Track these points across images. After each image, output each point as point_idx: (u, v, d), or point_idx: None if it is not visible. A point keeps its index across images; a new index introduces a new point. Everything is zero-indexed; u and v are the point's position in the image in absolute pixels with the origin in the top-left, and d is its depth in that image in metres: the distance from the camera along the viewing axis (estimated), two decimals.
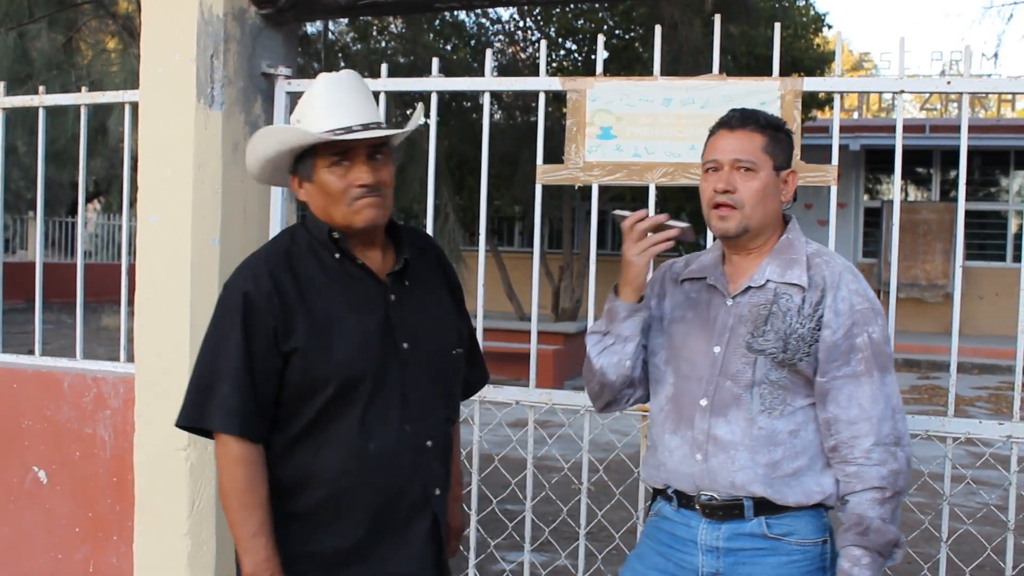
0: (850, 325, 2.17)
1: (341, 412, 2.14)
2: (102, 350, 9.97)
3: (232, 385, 2.11)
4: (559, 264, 15.26)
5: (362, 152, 2.13)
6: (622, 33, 13.34)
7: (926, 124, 17.31)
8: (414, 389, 2.21)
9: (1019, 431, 2.90)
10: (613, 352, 2.31)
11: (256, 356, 2.12)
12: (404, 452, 2.19)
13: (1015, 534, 2.97)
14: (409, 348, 2.21)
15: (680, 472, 2.25)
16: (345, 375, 2.13)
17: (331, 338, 2.14)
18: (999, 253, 17.31)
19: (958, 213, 3.04)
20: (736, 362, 2.20)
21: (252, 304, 2.13)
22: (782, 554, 2.18)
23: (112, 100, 3.76)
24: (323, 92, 2.16)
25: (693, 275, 2.37)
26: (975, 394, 11.51)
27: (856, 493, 2.14)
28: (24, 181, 15.44)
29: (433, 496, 2.24)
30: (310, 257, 2.21)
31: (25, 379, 3.69)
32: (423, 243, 2.40)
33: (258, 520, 2.12)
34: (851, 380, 2.16)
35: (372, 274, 2.22)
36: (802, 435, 2.20)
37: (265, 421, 2.15)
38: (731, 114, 2.28)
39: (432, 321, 2.29)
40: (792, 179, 2.29)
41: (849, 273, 2.22)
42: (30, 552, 3.66)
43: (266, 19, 3.37)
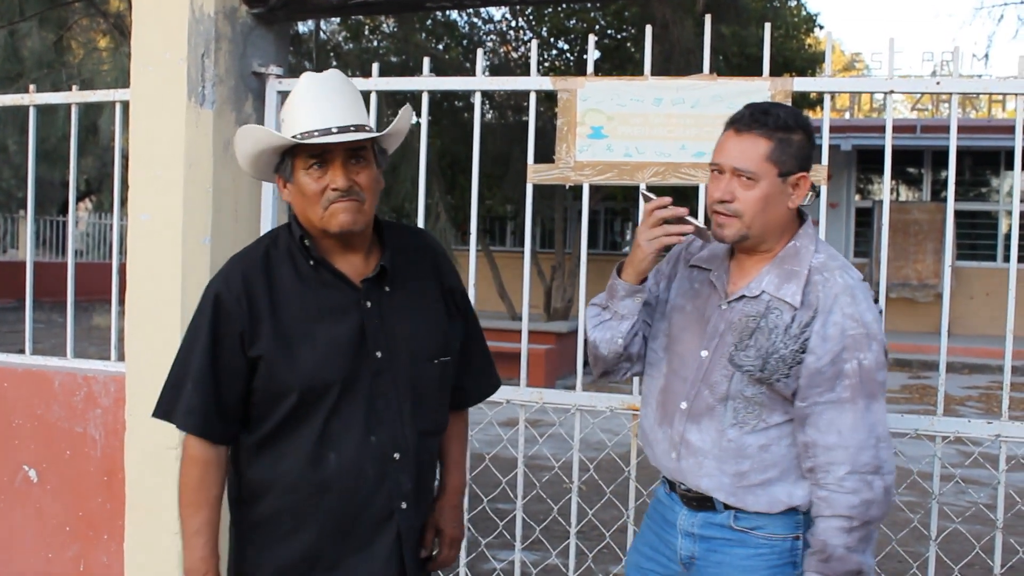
0: (839, 351, 2.10)
1: (303, 421, 2.12)
2: (93, 349, 9.96)
3: (195, 385, 2.12)
4: (551, 264, 15.28)
5: (339, 155, 2.08)
6: (614, 33, 13.36)
7: (917, 124, 17.35)
8: (384, 399, 2.16)
9: (1008, 430, 2.92)
10: (608, 327, 2.31)
11: (221, 359, 2.12)
12: (367, 463, 2.13)
13: (1004, 532, 2.98)
14: (383, 357, 2.15)
15: (661, 463, 2.33)
16: (307, 384, 2.10)
17: (296, 347, 2.11)
18: (990, 253, 17.36)
19: (947, 213, 3.05)
20: (716, 372, 2.20)
21: (222, 307, 2.12)
22: (750, 546, 2.21)
23: (103, 99, 3.75)
24: (305, 92, 2.11)
25: (702, 263, 2.33)
26: (965, 394, 11.54)
27: (824, 518, 2.11)
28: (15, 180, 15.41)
29: (398, 509, 2.17)
30: (287, 262, 2.17)
31: (16, 378, 3.68)
32: (417, 242, 2.33)
33: (202, 519, 2.14)
34: (834, 406, 2.10)
35: (347, 281, 2.17)
36: (773, 449, 2.18)
37: (227, 424, 2.15)
38: (742, 112, 2.19)
39: (413, 328, 2.21)
40: (803, 183, 2.18)
41: (847, 295, 2.12)
42: (21, 551, 3.65)
43: (257, 18, 3.37)
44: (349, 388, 2.12)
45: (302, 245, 2.16)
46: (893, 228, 16.76)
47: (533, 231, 3.29)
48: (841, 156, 17.01)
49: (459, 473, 2.45)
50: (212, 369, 2.12)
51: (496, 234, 19.99)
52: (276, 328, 2.11)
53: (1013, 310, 2.96)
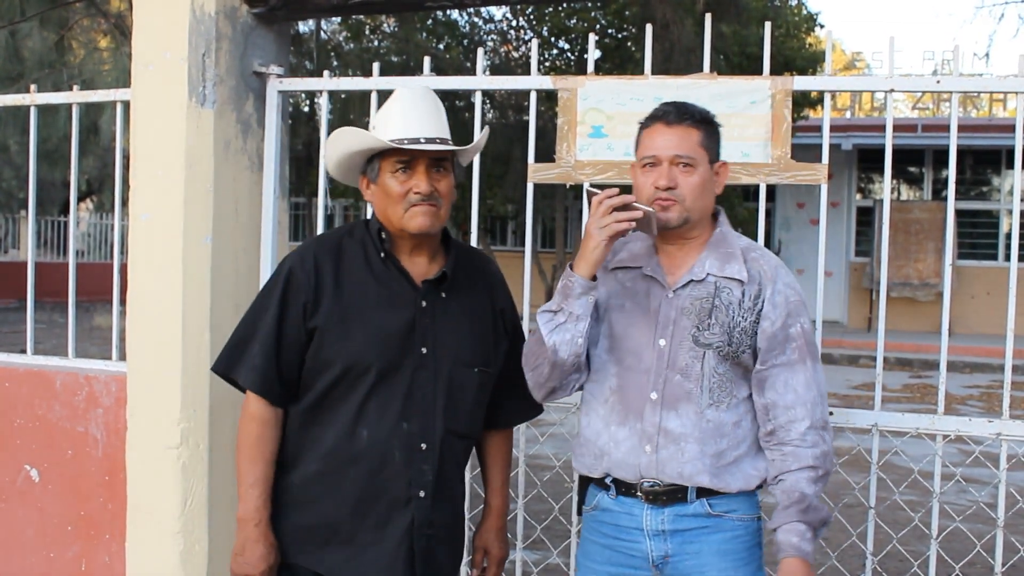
0: (785, 316, 2.27)
1: (344, 396, 2.32)
2: (95, 349, 9.96)
3: (261, 347, 2.34)
4: (552, 263, 15.28)
5: (424, 162, 2.31)
6: (615, 32, 13.37)
7: (918, 123, 17.37)
8: (422, 392, 2.34)
9: (1008, 429, 2.91)
10: (565, 330, 2.28)
11: (286, 327, 2.34)
12: (396, 447, 2.31)
13: (1005, 531, 2.98)
14: (428, 353, 2.35)
15: (625, 463, 2.30)
16: (350, 361, 2.30)
17: (349, 325, 2.32)
18: (991, 252, 17.37)
19: (948, 212, 3.05)
20: (684, 356, 2.26)
21: (293, 279, 2.35)
22: (726, 530, 2.27)
23: (104, 99, 3.76)
24: (399, 103, 2.35)
25: (625, 263, 2.38)
26: (967, 393, 11.55)
27: (792, 472, 2.24)
28: (16, 180, 15.43)
29: (416, 497, 2.33)
30: (359, 251, 2.39)
31: (17, 378, 3.68)
32: (478, 262, 2.55)
33: (257, 473, 2.35)
34: (787, 368, 2.26)
35: (409, 278, 2.37)
36: (743, 424, 2.30)
37: (285, 388, 2.36)
38: (666, 108, 2.31)
39: (460, 334, 2.40)
40: (724, 171, 2.36)
41: (782, 268, 2.33)
42: (22, 551, 3.66)
43: (258, 18, 3.37)
44: (390, 374, 2.31)
45: (379, 237, 2.38)
46: (894, 227, 16.75)
47: (534, 230, 3.30)
48: (842, 155, 17.01)
49: (502, 496, 2.62)
50: (277, 334, 2.33)
51: (497, 234, 19.99)
52: (335, 304, 2.33)
53: (1014, 309, 2.96)
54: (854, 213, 18.11)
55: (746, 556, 2.29)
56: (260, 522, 2.34)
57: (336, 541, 2.34)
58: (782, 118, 3.00)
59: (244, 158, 3.38)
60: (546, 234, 18.05)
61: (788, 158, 3.00)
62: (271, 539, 2.35)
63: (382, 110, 2.40)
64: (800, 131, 12.63)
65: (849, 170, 17.82)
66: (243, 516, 2.35)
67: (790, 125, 3.01)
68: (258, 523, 2.34)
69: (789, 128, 3.01)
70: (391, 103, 2.37)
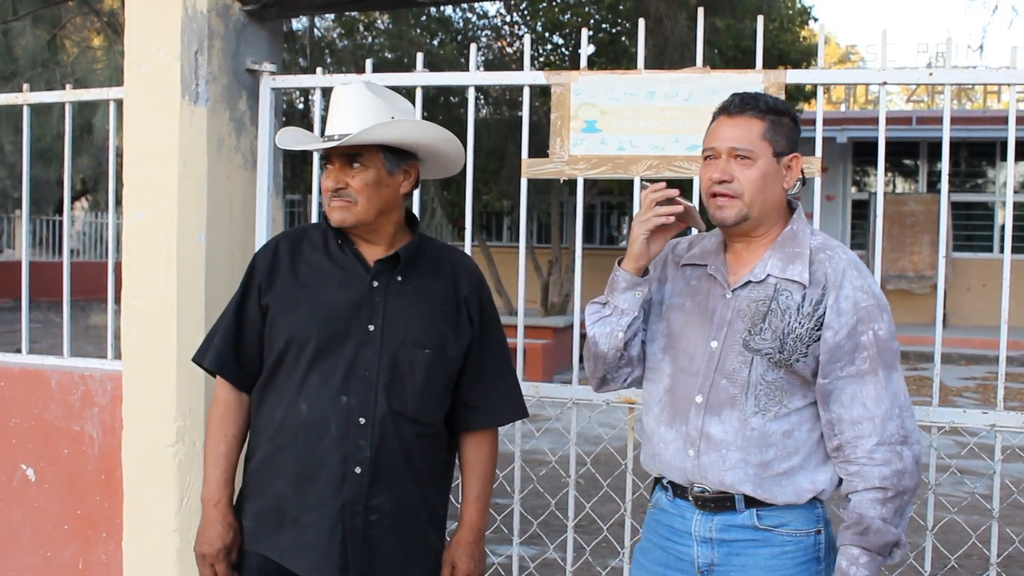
0: (855, 323, 2.12)
1: (289, 372, 2.36)
2: (91, 348, 9.95)
3: (223, 329, 2.45)
4: (548, 259, 15.27)
5: (338, 159, 2.36)
6: (609, 28, 13.34)
7: (912, 116, 17.36)
8: (365, 368, 2.35)
9: (1003, 420, 2.92)
10: (607, 323, 2.26)
11: (246, 310, 2.44)
12: (333, 420, 2.32)
13: (1000, 522, 2.99)
14: (375, 331, 2.36)
15: (673, 465, 2.23)
16: (293, 334, 2.35)
17: (298, 301, 2.39)
18: (986, 244, 17.39)
19: (941, 204, 3.05)
20: (733, 360, 2.16)
21: (255, 265, 2.47)
22: (775, 545, 2.17)
23: (97, 97, 3.75)
24: (335, 99, 2.40)
25: (695, 260, 2.31)
26: (963, 384, 11.57)
27: (857, 492, 2.11)
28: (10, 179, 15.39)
29: (351, 472, 2.31)
30: (320, 240, 2.47)
31: (12, 377, 3.68)
32: (448, 255, 2.56)
33: (218, 452, 2.42)
34: (855, 379, 2.12)
35: (363, 259, 2.42)
36: (795, 435, 2.16)
37: (244, 369, 2.44)
38: (731, 99, 2.22)
39: (411, 316, 2.40)
40: (796, 164, 2.22)
41: (853, 269, 2.17)
42: (19, 550, 3.66)
43: (250, 15, 3.37)
44: (332, 348, 2.34)
45: (328, 226, 2.43)
46: (889, 220, 16.77)
47: (530, 226, 3.30)
48: (837, 148, 17.01)
49: (478, 509, 2.50)
50: (237, 317, 2.44)
51: (493, 229, 19.97)
52: (288, 283, 2.41)
53: (1007, 300, 2.97)
54: (850, 206, 18.11)
55: (796, 572, 2.17)
56: (219, 502, 2.39)
57: (286, 523, 2.34)
58: None
59: (238, 156, 3.38)
60: (542, 229, 18.04)
61: None
62: (229, 519, 2.39)
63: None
64: None
65: (844, 163, 17.82)
66: (205, 496, 2.41)
67: None
68: (216, 503, 2.39)
69: None
70: (332, 100, 2.43)
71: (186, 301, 3.21)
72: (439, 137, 2.44)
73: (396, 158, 2.39)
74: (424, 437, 2.41)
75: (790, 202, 2.27)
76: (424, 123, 2.44)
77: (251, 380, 2.44)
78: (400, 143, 2.39)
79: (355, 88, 2.40)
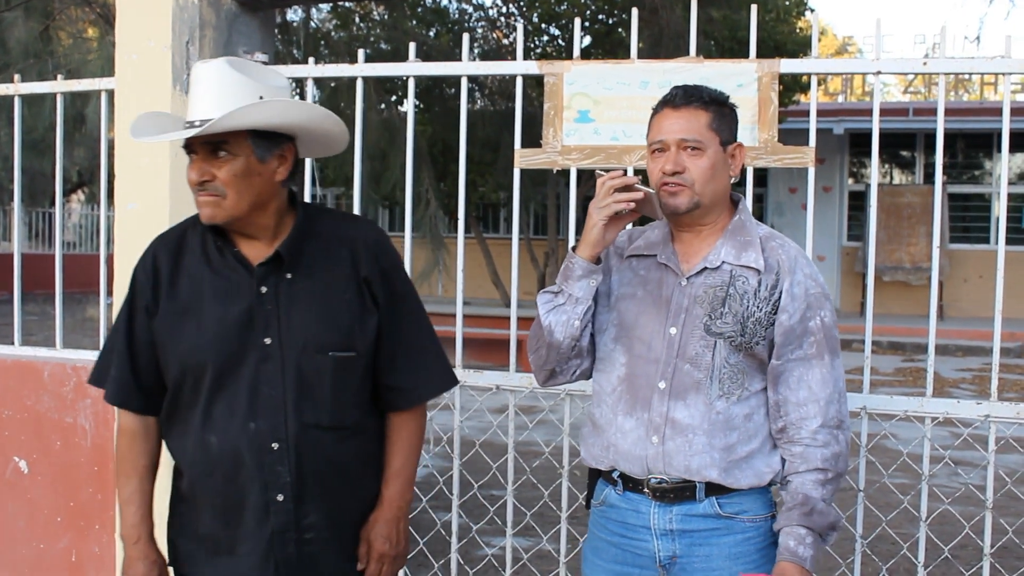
0: (804, 309, 2.18)
1: (191, 401, 2.17)
2: (88, 341, 9.91)
3: (117, 358, 2.23)
4: (544, 250, 15.26)
5: (201, 149, 2.10)
6: (605, 19, 13.31)
7: (909, 107, 17.37)
8: (269, 386, 2.14)
9: (997, 410, 2.92)
10: (562, 311, 2.24)
11: (135, 332, 2.21)
12: (245, 450, 2.13)
13: (993, 513, 2.99)
14: (272, 343, 2.14)
15: (632, 454, 2.21)
16: (185, 363, 2.15)
17: (183, 324, 2.16)
18: (983, 236, 17.40)
19: (935, 195, 3.04)
20: (695, 345, 2.18)
21: (136, 283, 2.23)
22: (737, 532, 2.19)
23: (88, 88, 3.73)
24: (193, 83, 2.12)
25: (640, 251, 2.32)
26: (959, 376, 11.57)
27: (800, 474, 2.16)
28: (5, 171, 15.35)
29: (273, 501, 2.14)
30: (197, 243, 2.22)
31: (4, 369, 3.67)
32: (340, 232, 2.27)
33: (131, 488, 2.25)
34: (802, 363, 2.18)
35: (247, 264, 2.17)
36: (755, 419, 2.21)
37: (146, 396, 2.23)
38: (674, 92, 2.24)
39: (311, 318, 2.17)
40: (740, 153, 2.27)
41: (803, 257, 2.24)
42: (12, 542, 3.65)
43: (242, 5, 3.36)
44: (230, 371, 2.13)
45: (212, 226, 2.18)
46: (886, 211, 16.77)
47: (526, 217, 3.29)
48: (834, 140, 17.00)
49: (398, 484, 2.32)
50: (128, 341, 2.21)
51: (489, 221, 19.96)
52: (170, 304, 2.18)
53: (1001, 291, 2.96)
54: (846, 197, 18.11)
55: (759, 558, 2.20)
56: (139, 539, 2.24)
57: (221, 552, 2.20)
58: (769, 101, 2.99)
59: None
60: (538, 221, 18.04)
61: (775, 141, 3.00)
62: (152, 556, 2.25)
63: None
64: (791, 115, 12.61)
65: (841, 155, 17.82)
66: (123, 534, 2.25)
67: (777, 108, 3.01)
68: (136, 541, 2.23)
69: (776, 111, 3.00)
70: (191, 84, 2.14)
71: None
72: (314, 117, 2.19)
73: (267, 143, 2.12)
74: (346, 439, 2.23)
75: (732, 196, 2.31)
76: (296, 102, 2.20)
77: (156, 402, 2.24)
78: (269, 126, 2.11)
79: (216, 65, 2.10)
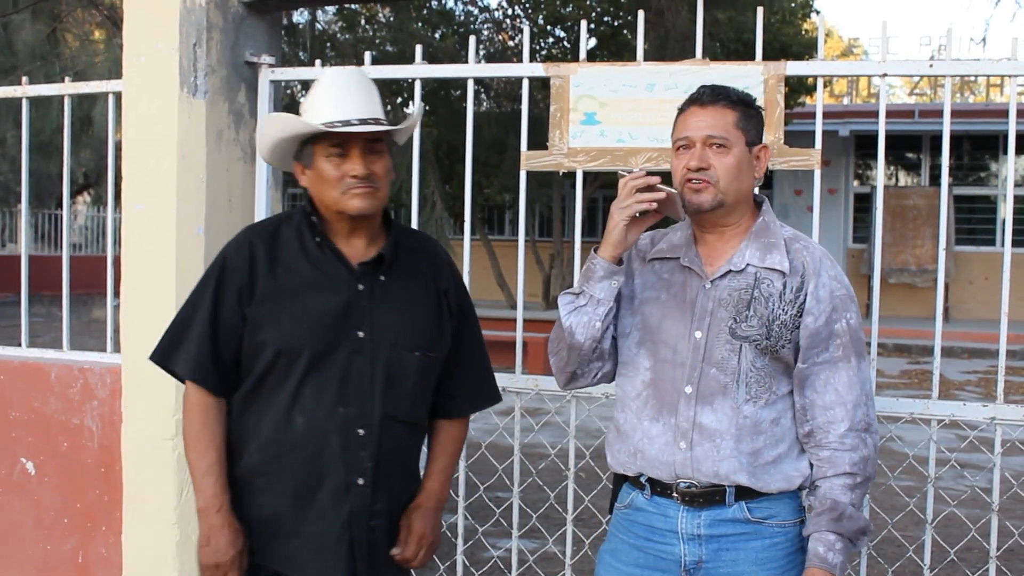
0: (830, 311, 2.16)
1: (279, 382, 2.28)
2: (93, 342, 9.92)
3: (196, 335, 2.30)
4: (549, 252, 15.27)
5: (358, 144, 2.25)
6: (611, 21, 13.33)
7: (915, 109, 17.34)
8: (359, 376, 2.28)
9: (1003, 413, 2.91)
10: (584, 312, 2.23)
11: (222, 314, 2.30)
12: (332, 433, 2.26)
13: (1000, 516, 2.98)
14: (365, 337, 2.29)
15: (660, 460, 2.20)
16: (282, 345, 2.25)
17: (282, 308, 2.27)
18: (988, 238, 17.37)
19: (941, 197, 3.04)
20: (720, 349, 2.16)
21: (227, 266, 2.33)
22: (765, 537, 2.17)
23: (96, 90, 3.74)
24: (328, 86, 2.29)
25: (663, 254, 2.30)
26: (965, 378, 11.55)
27: (828, 478, 2.14)
28: (12, 174, 15.41)
29: (355, 484, 2.27)
30: (294, 236, 2.35)
31: (12, 370, 3.68)
32: (420, 245, 2.48)
33: (209, 460, 2.29)
34: (829, 366, 2.16)
35: (345, 261, 2.32)
36: (782, 423, 2.19)
37: (222, 375, 2.32)
38: (701, 90, 2.23)
39: (400, 317, 2.34)
40: (764, 155, 2.25)
41: (827, 260, 2.23)
42: (19, 543, 3.66)
43: (249, 7, 3.36)
44: (324, 358, 2.26)
45: (309, 222, 2.33)
46: (892, 213, 16.76)
47: (531, 219, 3.30)
48: (839, 142, 17.00)
49: (440, 480, 2.49)
50: (213, 321, 2.29)
51: (494, 223, 19.97)
52: (269, 289, 2.29)
53: (1008, 294, 2.96)
54: (851, 199, 18.10)
55: (785, 563, 2.18)
56: (222, 508, 2.28)
57: (283, 534, 2.28)
58: (775, 103, 2.99)
59: (237, 148, 3.38)
60: (543, 223, 18.04)
61: (781, 143, 3.00)
62: (236, 524, 2.29)
63: (310, 93, 2.34)
64: (796, 117, 12.61)
65: (847, 157, 17.81)
66: (203, 506, 2.28)
67: (783, 110, 3.01)
68: (219, 509, 2.28)
69: (782, 113, 3.00)
70: (320, 85, 2.32)
71: (185, 294, 3.14)
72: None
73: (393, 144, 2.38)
74: (413, 436, 2.42)
75: (756, 197, 2.30)
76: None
77: (229, 386, 2.33)
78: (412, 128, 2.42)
79: (354, 73, 2.35)
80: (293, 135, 2.30)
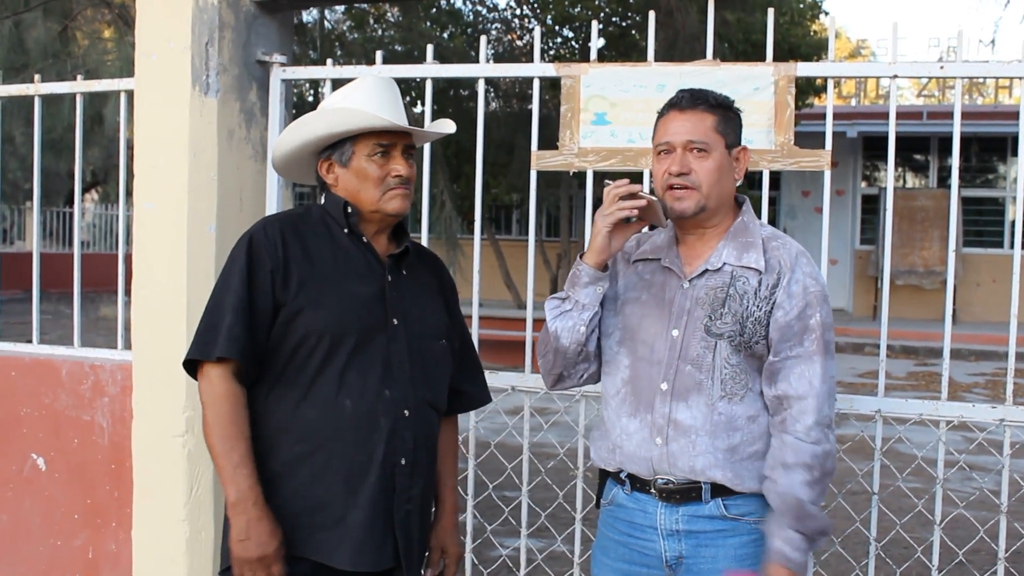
0: (803, 306, 2.20)
1: (321, 368, 2.27)
2: (101, 339, 9.93)
3: (235, 316, 2.24)
4: (557, 252, 15.27)
5: (401, 147, 2.36)
6: (619, 21, 13.32)
7: (923, 111, 17.29)
8: (399, 360, 2.34)
9: (1012, 414, 2.91)
10: (569, 317, 2.29)
11: (256, 295, 2.26)
12: (381, 414, 2.28)
13: (1008, 518, 2.98)
14: (398, 325, 2.35)
15: (637, 456, 2.25)
16: (329, 328, 2.26)
17: (325, 292, 2.29)
18: (996, 240, 17.32)
19: (951, 199, 3.04)
20: (696, 346, 2.21)
21: (255, 249, 2.29)
22: (743, 534, 2.22)
23: (107, 88, 3.76)
24: (370, 89, 2.38)
25: (646, 256, 2.36)
26: (972, 380, 11.53)
27: (787, 470, 2.15)
28: (22, 171, 15.43)
29: (398, 465, 2.30)
30: (321, 228, 2.38)
31: (23, 367, 3.70)
32: (423, 250, 2.61)
33: (240, 451, 2.23)
34: (804, 360, 2.19)
35: (375, 252, 2.39)
36: (760, 420, 2.23)
37: (254, 361, 2.27)
38: (680, 95, 2.28)
39: (421, 310, 2.43)
40: (744, 156, 2.31)
41: (804, 257, 2.27)
42: (29, 539, 3.68)
43: (260, 6, 3.37)
44: (367, 343, 2.30)
45: (344, 213, 2.36)
46: (899, 215, 16.71)
47: (539, 219, 3.30)
48: (847, 143, 16.96)
49: (454, 493, 2.60)
50: (249, 301, 2.25)
51: (502, 223, 19.97)
52: (308, 274, 2.29)
53: (1017, 296, 2.96)
54: (859, 201, 18.07)
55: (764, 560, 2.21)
56: (258, 500, 2.21)
57: (328, 523, 2.25)
58: (785, 104, 3.00)
59: (248, 147, 3.39)
60: (551, 223, 18.03)
61: (791, 144, 3.00)
62: (271, 514, 2.22)
63: (347, 96, 2.39)
64: (805, 119, 12.60)
65: (855, 158, 17.77)
66: (237, 499, 2.20)
67: (793, 111, 3.01)
68: (255, 501, 2.20)
69: (792, 114, 3.00)
70: (361, 90, 2.38)
71: (196, 292, 3.22)
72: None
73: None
74: (438, 423, 2.48)
75: (736, 198, 2.34)
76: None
77: (254, 372, 2.29)
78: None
79: (389, 81, 2.44)
80: (352, 129, 2.33)
